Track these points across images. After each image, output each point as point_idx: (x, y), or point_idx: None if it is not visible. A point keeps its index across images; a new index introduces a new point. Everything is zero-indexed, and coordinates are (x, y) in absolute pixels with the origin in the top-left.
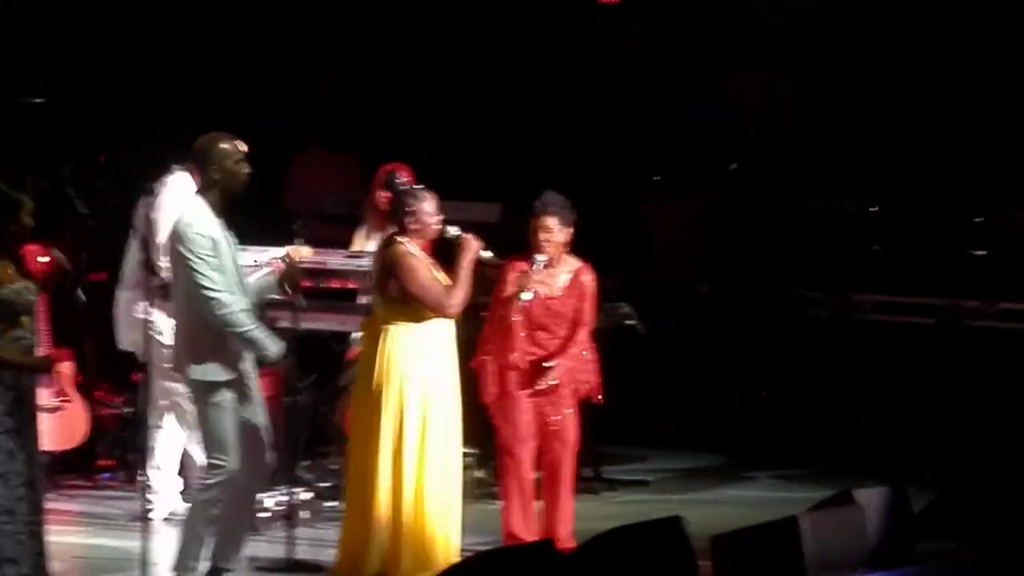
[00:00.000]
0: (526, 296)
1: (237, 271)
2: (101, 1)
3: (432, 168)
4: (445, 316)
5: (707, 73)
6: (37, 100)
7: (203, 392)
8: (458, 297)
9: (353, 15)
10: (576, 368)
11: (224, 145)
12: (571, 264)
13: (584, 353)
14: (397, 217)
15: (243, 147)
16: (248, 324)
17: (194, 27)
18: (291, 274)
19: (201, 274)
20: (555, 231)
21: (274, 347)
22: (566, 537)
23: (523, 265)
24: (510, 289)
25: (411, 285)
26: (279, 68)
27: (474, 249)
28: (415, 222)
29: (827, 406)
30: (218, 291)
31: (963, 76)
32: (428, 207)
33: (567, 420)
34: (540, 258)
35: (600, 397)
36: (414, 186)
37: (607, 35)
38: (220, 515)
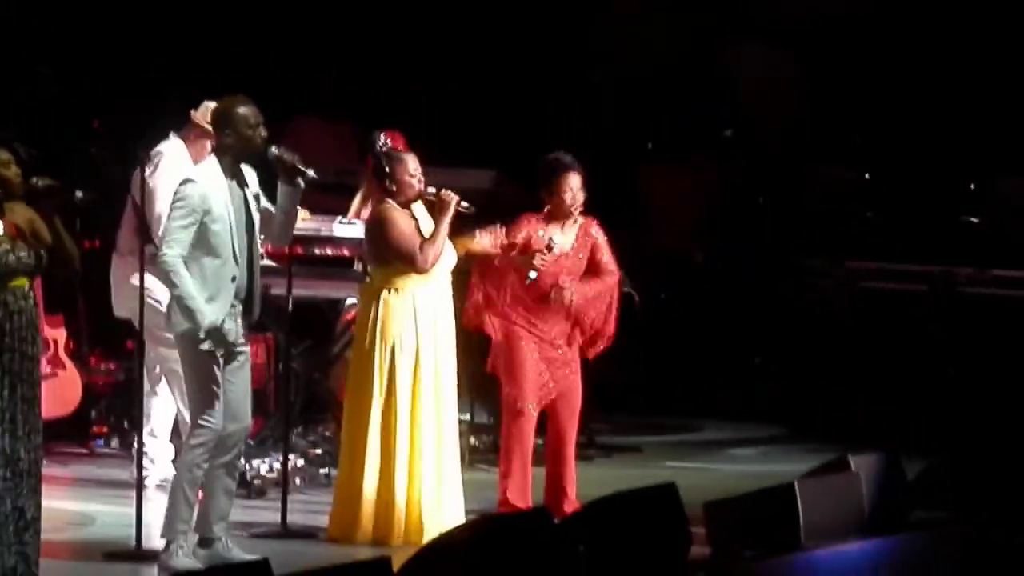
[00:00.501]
0: (532, 275)
1: (239, 235)
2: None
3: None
4: (418, 271)
5: (705, 44)
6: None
7: (188, 349)
8: (430, 252)
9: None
10: (589, 316)
11: (241, 110)
12: (578, 220)
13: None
14: (378, 180)
15: (260, 115)
16: (183, 290)
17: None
18: (283, 163)
19: (168, 222)
20: (580, 190)
21: (201, 320)
22: (574, 500)
23: (535, 219)
24: (517, 260)
25: (387, 237)
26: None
27: (451, 205)
28: (393, 183)
29: (822, 373)
30: (170, 242)
31: (958, 41)
32: (406, 167)
33: (574, 385)
34: (556, 239)
35: (600, 347)
36: (392, 149)
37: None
38: (204, 481)
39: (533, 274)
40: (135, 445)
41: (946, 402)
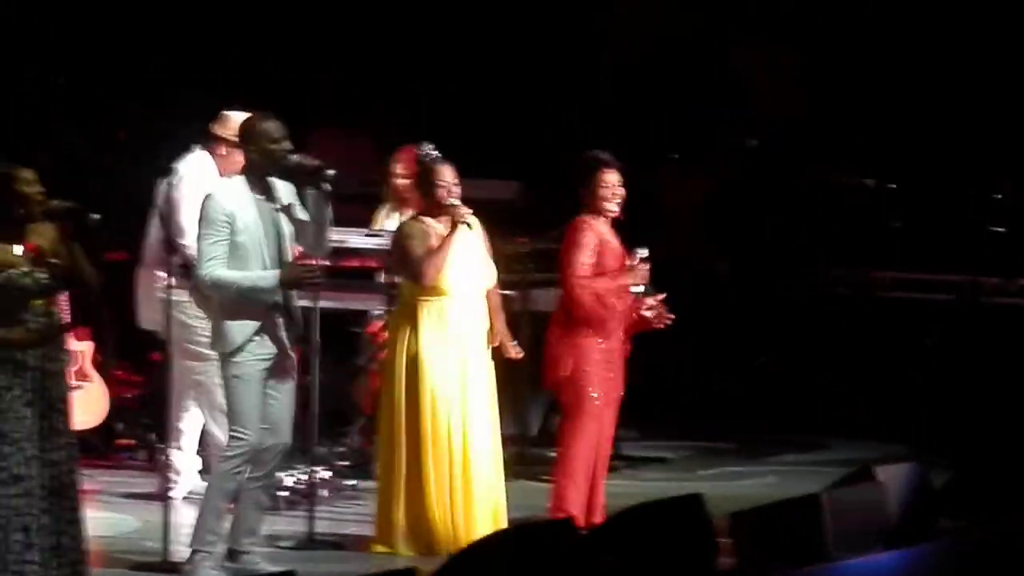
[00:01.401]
0: (637, 290)
1: (271, 247)
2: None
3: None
4: (418, 281)
5: (718, 48)
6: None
7: (228, 363)
8: (428, 265)
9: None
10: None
11: (264, 125)
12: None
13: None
14: (419, 192)
15: (283, 129)
16: (234, 277)
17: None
18: (303, 169)
19: (199, 243)
20: (620, 186)
21: (268, 283)
22: (602, 511)
23: (593, 222)
24: (628, 279)
25: (398, 253)
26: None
27: (461, 218)
28: (426, 195)
29: (848, 382)
30: (206, 262)
31: (983, 49)
32: (438, 176)
33: (619, 397)
34: (641, 251)
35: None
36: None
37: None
38: (237, 494)
39: (640, 288)
40: (161, 458)
41: (973, 411)
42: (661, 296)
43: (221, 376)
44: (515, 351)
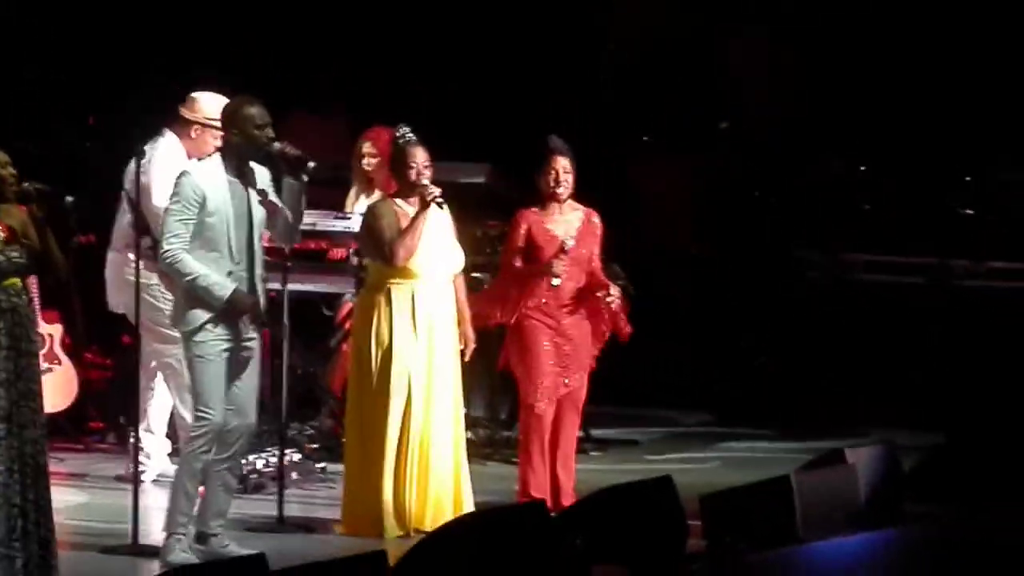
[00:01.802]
0: (556, 282)
1: (237, 231)
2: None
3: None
4: (388, 262)
5: (703, 35)
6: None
7: (190, 342)
8: (399, 246)
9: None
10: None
11: (249, 110)
12: (578, 208)
13: (609, 297)
14: (392, 172)
15: (267, 115)
16: (192, 271)
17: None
18: (285, 157)
19: (166, 217)
20: (569, 172)
21: (220, 292)
22: (571, 493)
23: (532, 215)
24: (544, 269)
25: (366, 234)
26: (277, 65)
27: (430, 197)
28: (396, 175)
29: (817, 366)
30: (169, 238)
31: (952, 31)
32: (409, 157)
33: (583, 381)
34: (569, 242)
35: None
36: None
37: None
38: (204, 475)
39: (556, 280)
40: (131, 440)
41: (941, 394)
42: (616, 291)
43: (184, 355)
44: (468, 344)
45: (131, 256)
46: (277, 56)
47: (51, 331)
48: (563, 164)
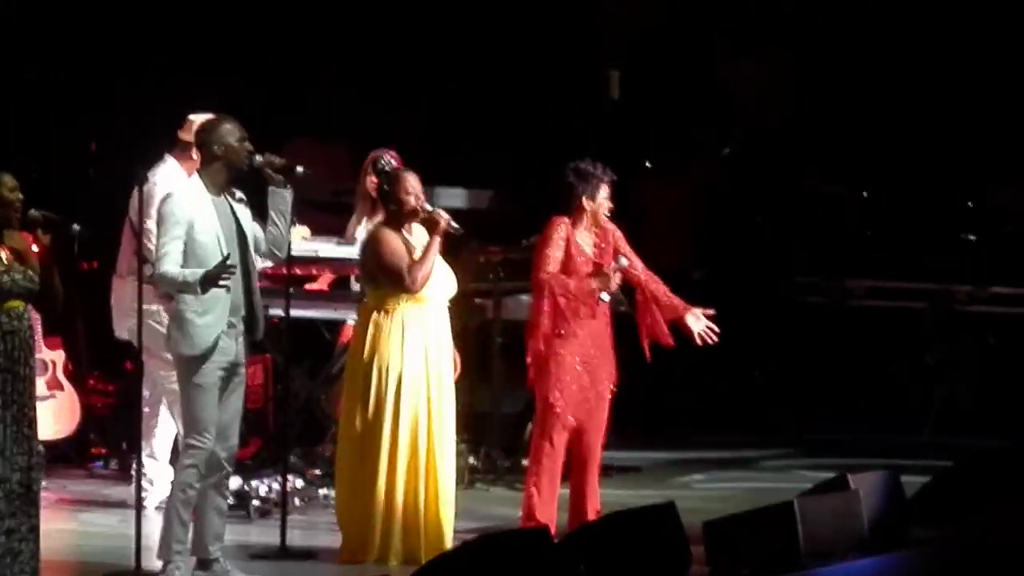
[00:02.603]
0: (605, 297)
1: (231, 246)
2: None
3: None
4: (405, 290)
5: (701, 56)
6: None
7: (184, 370)
8: (417, 272)
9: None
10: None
11: (227, 125)
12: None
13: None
14: (382, 200)
15: (244, 131)
16: (173, 273)
17: (194, 52)
18: (270, 166)
19: (156, 241)
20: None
21: (194, 279)
22: (595, 517)
23: (567, 226)
24: (594, 284)
25: (375, 260)
26: (279, 68)
27: (442, 224)
28: (392, 202)
29: (820, 389)
30: (158, 256)
31: (955, 59)
32: (404, 185)
33: (605, 400)
34: (623, 260)
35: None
36: (395, 168)
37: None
38: (196, 503)
39: (606, 296)
40: (134, 466)
41: (944, 419)
42: (710, 311)
43: (178, 382)
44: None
45: (135, 282)
46: (278, 81)
47: (54, 357)
48: (608, 190)
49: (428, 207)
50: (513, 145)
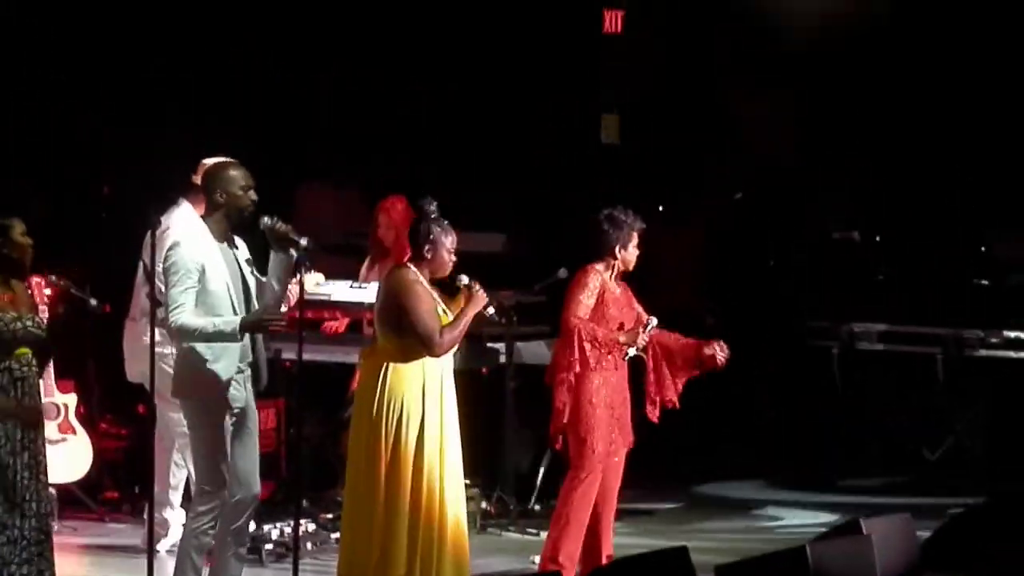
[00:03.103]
0: (632, 352)
1: (238, 293)
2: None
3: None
4: (431, 353)
5: (710, 97)
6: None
7: (195, 415)
8: (449, 337)
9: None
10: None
11: (232, 172)
12: None
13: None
14: (416, 244)
15: (250, 178)
16: (199, 324)
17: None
18: (275, 233)
19: (168, 291)
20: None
21: (231, 329)
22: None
23: (601, 273)
24: (623, 338)
25: (410, 312)
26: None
27: (481, 303)
28: (434, 252)
29: (833, 435)
30: (174, 309)
31: (969, 103)
32: (450, 242)
33: (623, 455)
34: (653, 322)
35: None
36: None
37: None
38: (213, 547)
39: (633, 351)
40: (146, 510)
41: (960, 463)
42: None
43: (189, 427)
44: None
45: (148, 325)
46: (290, 127)
47: (66, 400)
48: (638, 239)
49: (464, 279)
50: (523, 189)
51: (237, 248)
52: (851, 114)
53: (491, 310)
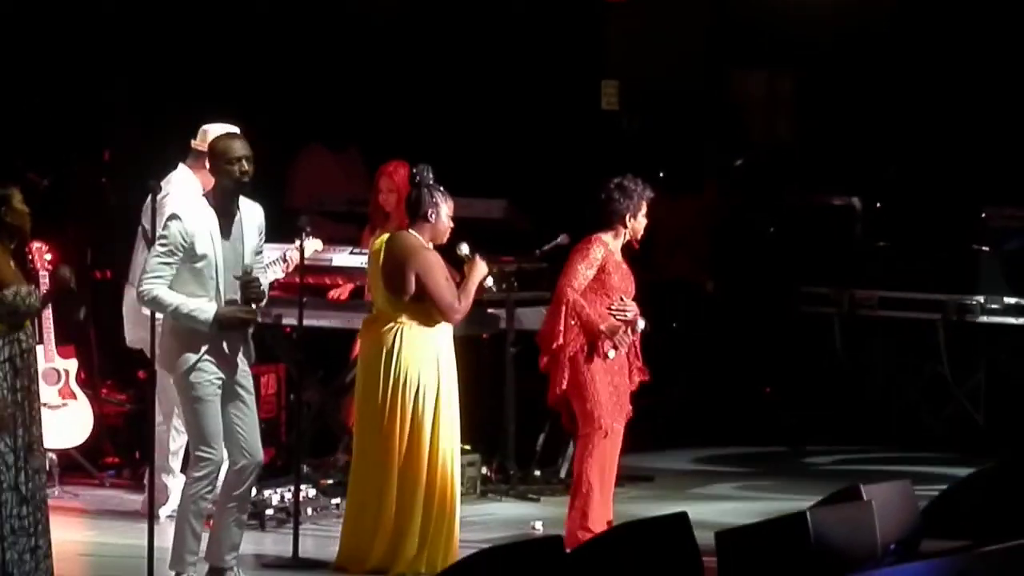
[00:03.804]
0: (612, 354)
1: (226, 272)
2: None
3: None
4: (449, 320)
5: (710, 70)
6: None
7: (185, 384)
8: (466, 305)
9: (368, 50)
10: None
11: (220, 144)
12: None
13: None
14: (416, 212)
15: (243, 149)
16: (174, 301)
17: (208, 61)
18: (247, 289)
19: (150, 256)
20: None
21: (204, 317)
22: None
23: (606, 245)
24: (603, 327)
25: (430, 281)
26: (280, 32)
27: (482, 274)
28: (436, 219)
29: (831, 401)
30: (148, 277)
31: (970, 67)
32: (448, 208)
33: (623, 421)
34: (641, 323)
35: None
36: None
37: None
38: (211, 512)
39: (612, 353)
40: (146, 476)
41: (959, 430)
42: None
43: (180, 398)
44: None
45: None
46: (292, 91)
47: (67, 366)
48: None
49: (464, 248)
50: (524, 156)
51: (242, 219)
52: (850, 79)
53: (490, 280)
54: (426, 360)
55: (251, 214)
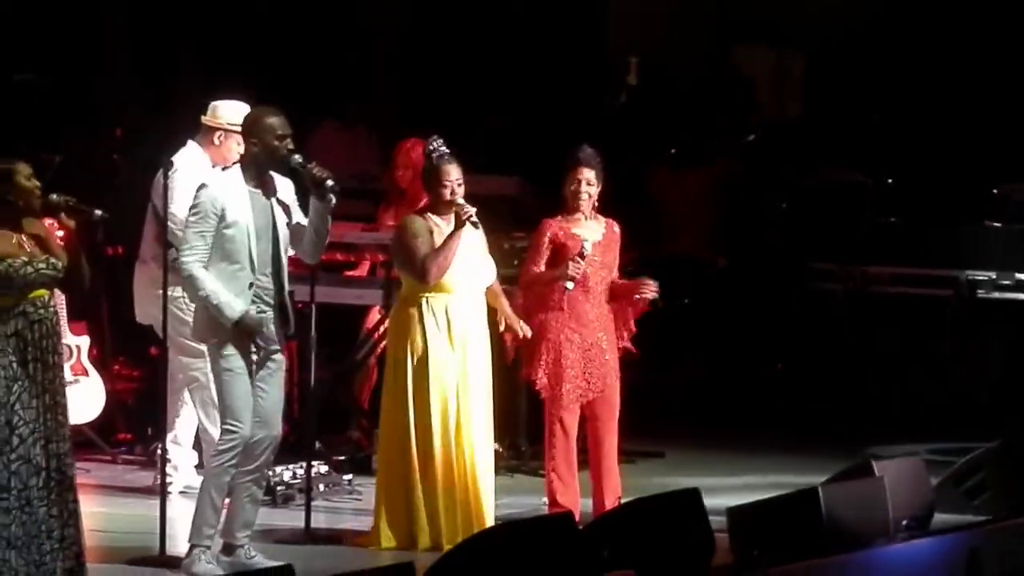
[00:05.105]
0: (570, 285)
1: (260, 243)
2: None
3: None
4: (420, 281)
5: (717, 46)
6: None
7: (217, 356)
8: (432, 265)
9: (381, 28)
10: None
11: (269, 120)
12: (600, 218)
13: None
14: (428, 187)
15: (288, 127)
16: (207, 288)
17: (220, 38)
18: (309, 174)
19: (186, 231)
20: (592, 184)
21: (230, 313)
22: (616, 502)
23: (557, 223)
24: (556, 273)
25: (398, 249)
26: (292, 8)
27: (463, 216)
28: (430, 191)
29: (843, 378)
30: (186, 251)
31: (979, 44)
32: (443, 175)
33: (614, 387)
34: (587, 247)
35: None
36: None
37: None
38: (230, 487)
39: (570, 284)
40: (158, 452)
41: (970, 407)
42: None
43: (211, 370)
44: (524, 330)
45: (158, 268)
46: (305, 67)
47: (79, 342)
48: (587, 176)
49: (459, 200)
50: (536, 132)
51: (275, 193)
52: (860, 55)
53: (473, 220)
54: (433, 335)
55: (283, 186)
